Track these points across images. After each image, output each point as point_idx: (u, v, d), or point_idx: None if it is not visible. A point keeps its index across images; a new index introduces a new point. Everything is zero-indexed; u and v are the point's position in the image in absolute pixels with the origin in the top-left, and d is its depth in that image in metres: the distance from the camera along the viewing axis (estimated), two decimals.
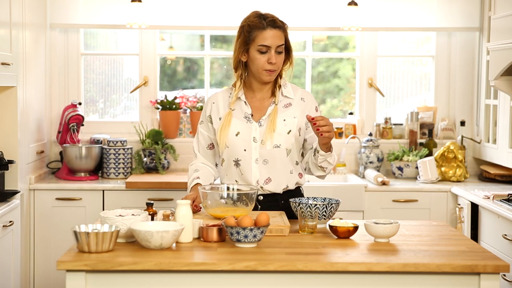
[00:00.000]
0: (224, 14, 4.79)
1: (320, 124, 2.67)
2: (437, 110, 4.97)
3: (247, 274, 2.22)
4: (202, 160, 3.03)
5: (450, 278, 2.24)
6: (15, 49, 3.82)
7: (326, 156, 2.81)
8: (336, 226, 2.52)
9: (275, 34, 2.84)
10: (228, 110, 2.94)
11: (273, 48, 2.83)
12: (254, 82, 2.94)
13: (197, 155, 3.04)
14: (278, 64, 2.86)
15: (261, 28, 2.83)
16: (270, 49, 2.83)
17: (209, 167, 3.03)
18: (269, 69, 2.85)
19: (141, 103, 4.92)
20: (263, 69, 2.85)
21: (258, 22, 2.84)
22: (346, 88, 5.13)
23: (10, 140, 3.86)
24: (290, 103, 2.94)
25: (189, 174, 3.01)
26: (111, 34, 5.01)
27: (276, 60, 2.84)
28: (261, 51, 2.84)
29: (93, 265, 2.18)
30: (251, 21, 2.86)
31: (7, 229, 3.60)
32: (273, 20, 2.86)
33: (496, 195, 3.85)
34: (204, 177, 2.95)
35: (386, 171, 4.87)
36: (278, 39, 2.84)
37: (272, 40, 2.83)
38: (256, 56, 2.85)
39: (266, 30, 2.83)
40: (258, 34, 2.84)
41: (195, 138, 3.06)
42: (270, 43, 2.83)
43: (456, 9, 4.81)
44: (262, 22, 2.84)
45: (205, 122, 3.01)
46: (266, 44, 2.83)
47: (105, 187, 4.27)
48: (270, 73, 2.86)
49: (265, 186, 2.90)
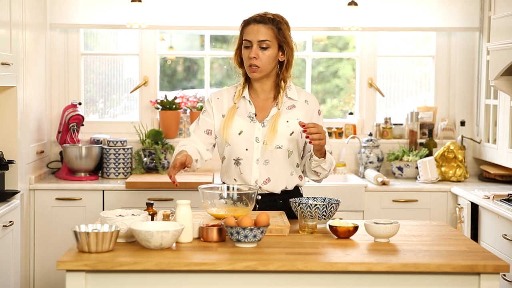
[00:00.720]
0: (224, 14, 4.79)
1: (310, 132, 2.67)
2: (437, 110, 4.97)
3: (247, 274, 2.22)
4: (194, 139, 2.95)
5: (450, 278, 2.24)
6: (15, 49, 3.82)
7: (320, 162, 2.82)
8: (336, 226, 2.52)
9: (257, 29, 2.84)
10: (233, 104, 2.94)
11: (255, 43, 2.83)
12: (253, 82, 2.94)
13: (191, 134, 2.97)
14: (262, 61, 2.84)
15: (247, 24, 2.87)
16: (252, 44, 2.84)
17: (197, 146, 2.94)
18: (250, 64, 2.84)
19: (141, 103, 4.92)
20: (247, 65, 2.86)
21: (247, 20, 2.89)
22: (346, 88, 5.13)
23: (10, 140, 3.86)
24: (294, 105, 2.94)
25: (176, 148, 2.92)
26: (111, 34, 5.01)
27: (257, 55, 2.82)
28: (246, 46, 2.86)
29: (93, 265, 2.18)
30: (243, 21, 2.91)
31: (7, 229, 3.60)
32: (260, 15, 2.87)
33: (496, 195, 3.85)
34: (190, 149, 2.87)
35: (386, 171, 4.87)
36: (260, 34, 2.83)
37: (253, 34, 2.83)
38: (243, 51, 2.88)
39: (250, 25, 2.86)
40: (244, 30, 2.88)
41: (194, 122, 3.01)
42: (251, 37, 2.84)
43: (456, 9, 4.81)
44: (249, 19, 2.88)
45: (208, 111, 2.98)
46: (248, 39, 2.85)
47: (105, 187, 4.27)
48: (253, 70, 2.85)
49: (264, 186, 2.90)
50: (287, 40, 2.88)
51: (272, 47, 2.85)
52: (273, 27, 2.85)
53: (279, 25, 2.87)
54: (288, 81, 2.94)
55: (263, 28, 2.84)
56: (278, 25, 2.86)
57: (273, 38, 2.85)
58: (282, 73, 2.92)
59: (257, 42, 2.83)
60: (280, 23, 2.87)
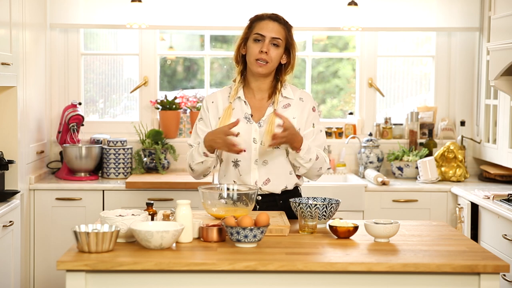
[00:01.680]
0: (224, 14, 4.79)
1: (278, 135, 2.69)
2: (437, 110, 4.97)
3: (247, 274, 2.22)
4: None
5: (450, 278, 2.24)
6: (15, 49, 3.82)
7: (294, 155, 2.82)
8: (336, 226, 2.52)
9: (272, 26, 2.86)
10: (228, 104, 2.93)
11: (268, 39, 2.84)
12: (252, 80, 2.93)
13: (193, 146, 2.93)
14: (272, 57, 2.85)
15: (261, 19, 2.89)
16: (265, 39, 2.84)
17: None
18: (260, 58, 2.84)
19: (141, 103, 4.92)
20: (255, 58, 2.85)
21: (260, 15, 2.91)
22: (346, 88, 5.13)
23: (10, 140, 3.86)
24: (289, 104, 2.94)
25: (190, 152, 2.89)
26: (111, 34, 5.01)
27: (268, 50, 2.83)
28: (256, 39, 2.86)
29: (93, 265, 2.18)
30: (254, 16, 2.92)
31: (7, 229, 3.60)
32: (275, 15, 2.90)
33: (496, 195, 3.85)
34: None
35: (386, 171, 4.87)
36: (274, 32, 2.86)
37: (268, 30, 2.85)
38: (251, 45, 2.87)
39: (265, 20, 2.88)
40: (256, 24, 2.89)
41: (192, 136, 2.98)
42: (266, 32, 2.85)
43: (456, 9, 4.81)
44: (263, 15, 2.90)
45: (204, 119, 2.97)
46: (261, 33, 2.85)
47: (105, 187, 4.27)
48: (261, 64, 2.85)
49: (264, 187, 2.90)
50: (293, 44, 2.92)
51: (281, 46, 2.88)
52: (285, 28, 2.90)
53: (290, 28, 2.92)
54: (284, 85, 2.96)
55: (278, 26, 2.87)
56: (289, 28, 2.92)
57: (284, 38, 2.89)
58: (281, 75, 2.93)
59: (270, 38, 2.85)
60: (290, 27, 2.93)
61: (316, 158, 2.86)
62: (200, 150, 2.82)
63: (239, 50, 2.92)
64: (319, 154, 2.88)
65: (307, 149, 2.82)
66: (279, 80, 2.94)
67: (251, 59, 2.86)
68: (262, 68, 2.86)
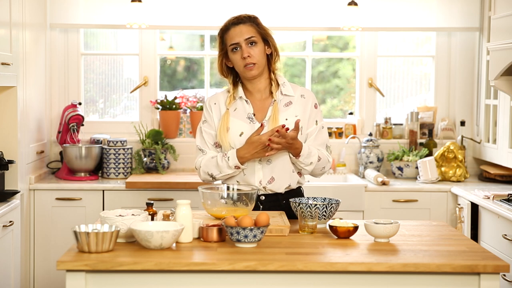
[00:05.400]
0: (224, 14, 4.73)
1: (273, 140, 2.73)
2: (437, 110, 4.97)
3: (247, 274, 2.22)
4: (213, 154, 2.93)
5: (450, 278, 2.24)
6: (15, 49, 3.82)
7: (294, 160, 2.87)
8: (336, 226, 2.52)
9: (240, 29, 2.88)
10: (225, 109, 2.94)
11: (242, 43, 2.86)
12: (248, 83, 2.95)
13: (207, 152, 2.93)
14: (255, 56, 2.86)
15: (227, 30, 2.91)
16: (240, 44, 2.86)
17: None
18: (246, 64, 2.86)
19: (141, 103, 4.92)
20: (242, 67, 2.88)
21: (224, 26, 2.93)
22: (346, 88, 5.13)
23: (10, 140, 3.86)
24: (290, 101, 2.94)
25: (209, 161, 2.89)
26: (111, 34, 5.01)
27: (249, 53, 2.85)
28: (234, 49, 2.88)
29: (93, 265, 2.18)
30: (221, 28, 2.94)
31: (7, 229, 3.60)
32: (236, 17, 2.92)
33: (496, 195, 3.85)
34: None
35: (386, 171, 4.87)
36: (244, 33, 2.87)
37: (237, 35, 2.87)
38: (232, 56, 2.90)
39: (230, 29, 2.90)
40: (226, 36, 2.91)
41: (198, 138, 2.97)
42: (237, 38, 2.87)
43: (456, 9, 4.81)
44: (226, 25, 2.92)
45: (208, 121, 2.97)
46: (234, 42, 2.87)
47: (105, 187, 4.27)
48: (250, 68, 2.87)
49: (268, 186, 2.90)
50: (267, 32, 2.93)
51: (258, 41, 2.89)
52: (252, 24, 2.91)
53: (256, 20, 2.93)
54: (280, 78, 2.96)
55: (244, 27, 2.89)
56: (255, 21, 2.92)
57: (256, 33, 2.90)
58: (271, 65, 2.96)
59: (245, 41, 2.87)
60: (256, 19, 2.94)
61: (318, 160, 2.87)
62: (231, 164, 2.83)
63: (222, 65, 2.95)
64: (321, 155, 2.89)
65: (307, 154, 2.84)
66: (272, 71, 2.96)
67: (240, 68, 2.90)
68: (254, 71, 2.88)
